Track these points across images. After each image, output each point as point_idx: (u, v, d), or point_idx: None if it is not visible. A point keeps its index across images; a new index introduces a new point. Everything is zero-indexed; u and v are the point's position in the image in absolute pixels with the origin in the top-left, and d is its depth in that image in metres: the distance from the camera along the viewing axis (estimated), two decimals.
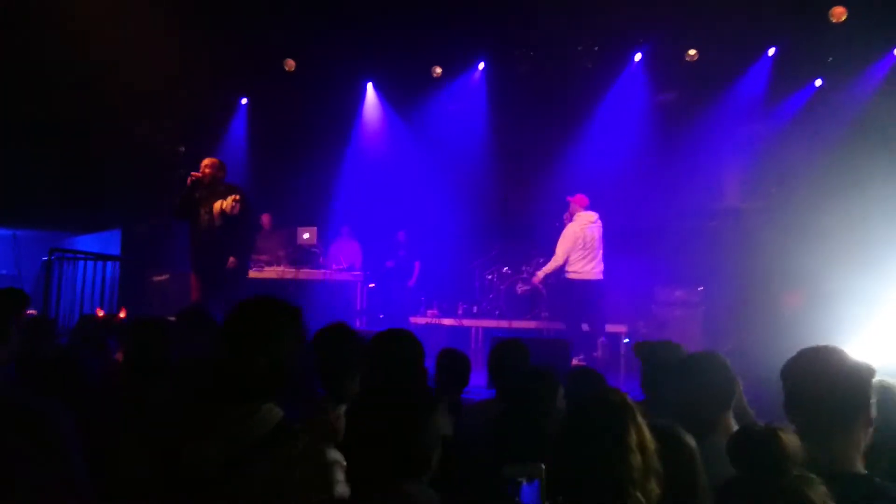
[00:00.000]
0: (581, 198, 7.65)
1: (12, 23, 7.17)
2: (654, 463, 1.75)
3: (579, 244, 7.39)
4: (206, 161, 5.95)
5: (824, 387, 2.01)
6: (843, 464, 1.95)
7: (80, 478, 1.68)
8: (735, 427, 2.37)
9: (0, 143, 7.44)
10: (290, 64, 9.33)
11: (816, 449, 1.86)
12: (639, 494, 1.70)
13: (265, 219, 9.27)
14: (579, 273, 7.42)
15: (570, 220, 7.55)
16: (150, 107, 8.35)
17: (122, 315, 7.33)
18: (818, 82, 8.70)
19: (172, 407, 2.42)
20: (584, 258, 7.41)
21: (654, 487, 1.74)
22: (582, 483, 1.72)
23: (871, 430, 2.03)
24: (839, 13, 7.55)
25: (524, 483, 1.64)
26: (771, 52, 8.60)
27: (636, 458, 1.72)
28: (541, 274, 7.76)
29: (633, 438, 1.75)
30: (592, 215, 7.59)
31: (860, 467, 1.98)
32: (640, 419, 1.79)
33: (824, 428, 1.97)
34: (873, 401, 2.03)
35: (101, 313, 6.65)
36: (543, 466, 1.65)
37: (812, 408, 2.01)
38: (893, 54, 8.17)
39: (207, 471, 1.67)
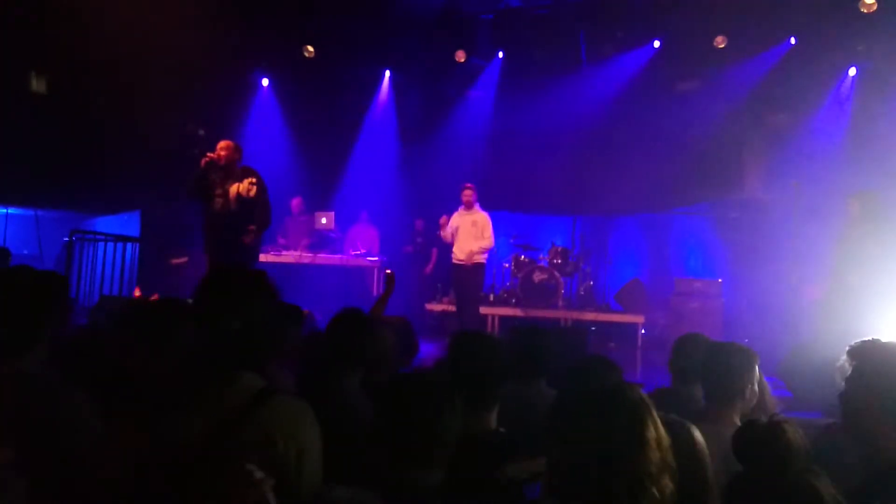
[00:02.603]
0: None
1: (36, 6, 7.20)
2: (669, 458, 1.72)
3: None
4: (222, 143, 5.91)
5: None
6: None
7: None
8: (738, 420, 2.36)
9: (22, 126, 7.50)
10: (310, 50, 9.32)
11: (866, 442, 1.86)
12: (654, 490, 1.66)
13: (295, 203, 9.30)
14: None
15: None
16: (171, 89, 8.36)
17: (136, 294, 7.44)
18: (852, 71, 8.51)
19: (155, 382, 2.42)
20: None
21: (669, 483, 1.70)
22: (595, 479, 1.69)
23: None
24: (870, 2, 7.40)
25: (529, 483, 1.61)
26: (792, 40, 8.41)
27: (655, 454, 1.69)
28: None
29: (652, 434, 1.72)
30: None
31: None
32: (655, 414, 1.76)
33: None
34: None
35: (138, 293, 6.74)
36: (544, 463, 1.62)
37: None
38: None
39: (189, 444, 1.65)
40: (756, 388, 2.51)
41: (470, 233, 7.64)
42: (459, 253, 7.65)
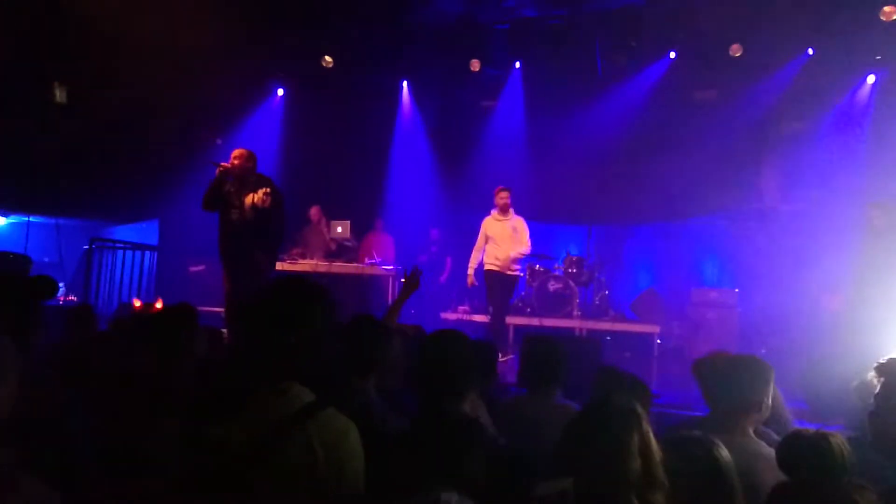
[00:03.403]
0: None
1: (50, 13, 7.30)
2: (658, 473, 1.69)
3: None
4: (236, 152, 5.87)
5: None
6: None
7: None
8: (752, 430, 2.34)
9: (44, 136, 7.62)
10: (328, 60, 9.40)
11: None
12: (635, 500, 1.65)
13: (314, 211, 9.33)
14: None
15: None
16: (189, 98, 8.46)
17: (158, 305, 7.47)
18: (871, 79, 8.45)
19: (200, 391, 2.44)
20: None
21: (660, 499, 1.68)
22: (583, 485, 1.68)
23: None
24: (890, 12, 7.36)
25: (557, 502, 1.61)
26: (810, 51, 8.38)
27: (636, 464, 1.67)
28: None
29: (636, 443, 1.70)
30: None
31: None
32: (646, 426, 1.74)
33: None
34: None
35: (137, 304, 6.76)
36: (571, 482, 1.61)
37: None
38: None
39: (235, 453, 1.67)
40: (769, 401, 2.49)
41: (511, 238, 7.37)
42: (496, 260, 7.34)
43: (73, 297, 8.37)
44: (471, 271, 7.58)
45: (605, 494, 1.64)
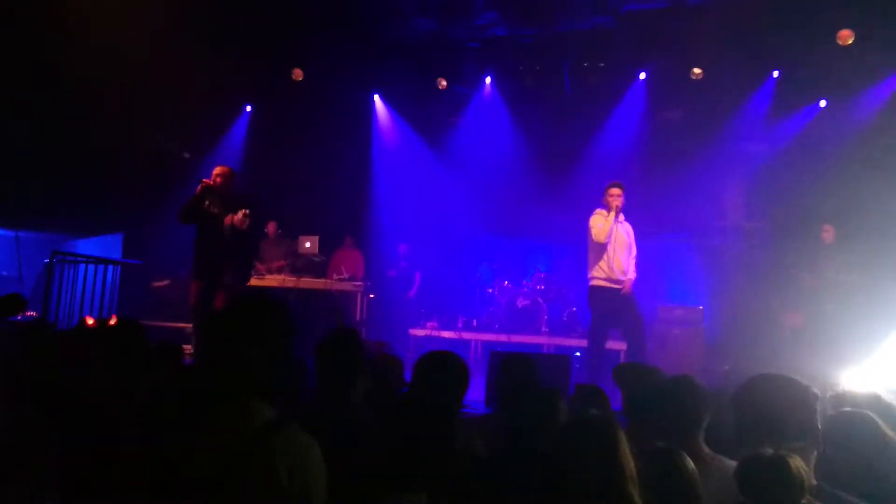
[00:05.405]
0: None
1: (15, 23, 7.18)
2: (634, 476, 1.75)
3: None
4: (218, 169, 5.99)
5: (776, 412, 2.07)
6: None
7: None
8: (705, 451, 2.37)
9: (3, 145, 7.45)
10: (298, 73, 9.38)
11: None
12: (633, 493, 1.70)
13: (271, 227, 9.28)
14: None
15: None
16: (155, 111, 8.36)
17: (112, 322, 7.31)
18: (822, 103, 8.73)
19: (157, 408, 2.41)
20: None
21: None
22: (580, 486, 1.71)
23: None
24: (846, 36, 7.59)
25: None
26: (775, 73, 8.63)
27: (630, 463, 1.73)
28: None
29: (625, 445, 1.75)
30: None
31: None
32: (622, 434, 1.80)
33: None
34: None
35: (90, 321, 6.62)
36: None
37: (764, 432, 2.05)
38: None
39: (198, 467, 1.65)
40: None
41: (627, 246, 6.34)
42: (617, 272, 6.24)
43: (32, 312, 8.15)
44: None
45: (604, 493, 1.67)
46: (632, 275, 6.37)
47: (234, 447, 1.66)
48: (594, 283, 6.32)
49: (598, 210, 6.44)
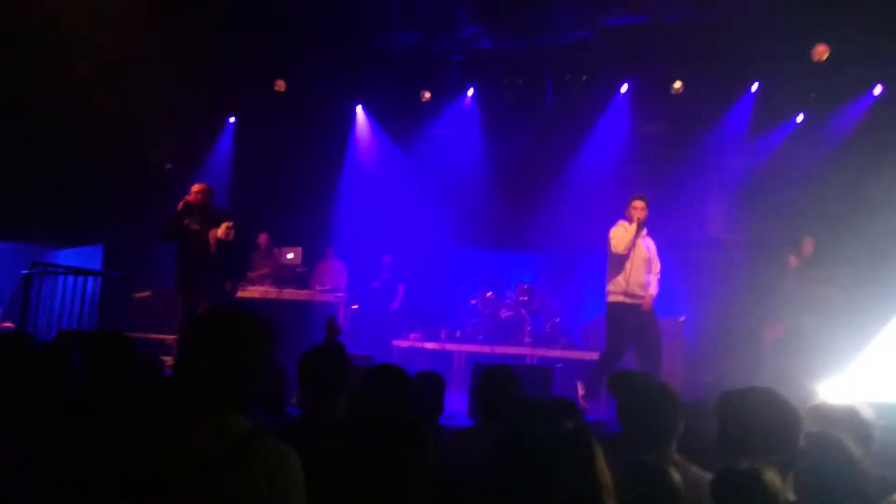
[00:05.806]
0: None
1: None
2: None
3: None
4: (197, 187, 6.02)
5: (762, 426, 2.09)
6: None
7: None
8: (676, 459, 2.40)
9: None
10: (281, 85, 9.38)
11: None
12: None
13: (262, 238, 9.25)
14: None
15: None
16: (137, 122, 8.31)
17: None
18: (799, 118, 8.87)
19: (138, 421, 2.39)
20: None
21: None
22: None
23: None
24: (821, 51, 7.71)
25: None
26: (754, 87, 8.76)
27: (606, 473, 1.73)
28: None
29: (601, 456, 1.75)
30: None
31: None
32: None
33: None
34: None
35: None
36: None
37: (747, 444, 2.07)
38: (872, 93, 8.34)
39: (173, 484, 1.63)
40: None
41: (647, 261, 6.10)
42: (637, 287, 6.02)
43: (9, 324, 8.04)
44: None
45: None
46: (653, 290, 6.17)
47: (211, 458, 1.65)
48: (611, 298, 6.14)
49: (620, 221, 6.28)
